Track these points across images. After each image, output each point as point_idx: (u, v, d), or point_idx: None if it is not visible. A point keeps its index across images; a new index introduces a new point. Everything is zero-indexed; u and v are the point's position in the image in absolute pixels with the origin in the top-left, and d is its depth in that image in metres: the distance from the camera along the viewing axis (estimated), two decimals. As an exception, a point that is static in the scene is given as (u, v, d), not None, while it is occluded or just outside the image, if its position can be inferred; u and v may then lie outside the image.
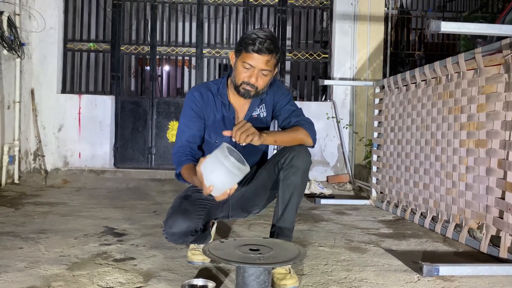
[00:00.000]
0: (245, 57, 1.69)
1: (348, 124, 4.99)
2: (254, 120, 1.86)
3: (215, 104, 1.84)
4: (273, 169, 1.82)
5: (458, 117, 2.52)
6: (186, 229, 1.69)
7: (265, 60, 1.68)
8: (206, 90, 1.85)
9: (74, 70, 5.13)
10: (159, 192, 4.18)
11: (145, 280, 1.76)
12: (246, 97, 1.77)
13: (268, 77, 1.74)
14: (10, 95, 4.37)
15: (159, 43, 5.12)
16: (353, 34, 4.99)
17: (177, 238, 1.73)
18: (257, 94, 1.77)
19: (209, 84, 1.89)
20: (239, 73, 1.73)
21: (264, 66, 1.69)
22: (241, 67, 1.72)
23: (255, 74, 1.70)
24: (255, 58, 1.68)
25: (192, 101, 1.83)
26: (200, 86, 1.89)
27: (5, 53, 4.19)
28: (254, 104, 1.86)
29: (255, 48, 1.66)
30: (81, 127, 4.96)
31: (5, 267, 1.87)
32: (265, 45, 1.66)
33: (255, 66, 1.69)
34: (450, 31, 1.89)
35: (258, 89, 1.75)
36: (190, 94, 1.85)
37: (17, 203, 3.41)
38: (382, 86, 3.68)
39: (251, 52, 1.67)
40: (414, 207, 3.01)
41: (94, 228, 2.64)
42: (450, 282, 1.81)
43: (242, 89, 1.74)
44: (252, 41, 1.66)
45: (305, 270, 1.92)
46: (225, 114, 1.84)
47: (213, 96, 1.84)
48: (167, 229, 1.71)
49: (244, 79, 1.72)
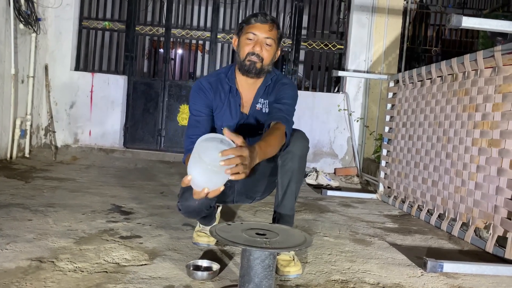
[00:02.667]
0: (247, 28, 1.72)
1: (360, 117, 4.95)
2: (257, 112, 1.85)
3: (223, 90, 1.82)
4: None
5: (472, 115, 2.49)
6: (201, 202, 1.69)
7: (268, 28, 1.71)
8: (216, 80, 1.84)
9: (88, 48, 5.14)
10: (167, 174, 4.21)
11: (150, 258, 1.78)
12: (252, 69, 1.73)
13: (272, 48, 1.73)
14: (24, 70, 4.40)
15: (174, 26, 5.10)
16: (370, 26, 4.93)
17: (191, 211, 1.73)
18: (262, 69, 1.74)
19: (217, 71, 1.88)
20: (243, 46, 1.73)
21: (267, 33, 1.71)
22: (244, 40, 1.73)
23: (259, 42, 1.71)
24: (257, 27, 1.71)
25: (201, 89, 1.81)
26: (209, 75, 1.88)
27: (21, 27, 4.21)
28: (260, 91, 1.84)
29: (257, 18, 1.71)
30: (93, 105, 4.98)
31: (14, 237, 1.90)
32: (266, 17, 1.72)
33: (258, 34, 1.71)
34: (471, 26, 1.86)
35: (264, 61, 1.72)
36: (199, 82, 1.83)
37: (27, 177, 3.46)
38: (397, 81, 3.64)
39: (254, 22, 1.72)
40: (421, 203, 3.00)
41: (101, 205, 2.67)
42: (454, 279, 1.81)
43: (247, 61, 1.72)
44: (254, 15, 1.74)
45: (309, 259, 1.93)
46: (232, 100, 1.82)
47: (221, 83, 1.83)
48: (182, 201, 1.71)
49: (248, 50, 1.72)
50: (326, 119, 4.91)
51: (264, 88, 1.84)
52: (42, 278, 1.49)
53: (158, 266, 1.69)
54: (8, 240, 1.86)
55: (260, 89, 1.84)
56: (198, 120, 1.79)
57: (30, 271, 1.54)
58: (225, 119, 1.83)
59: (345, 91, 4.97)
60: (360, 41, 4.97)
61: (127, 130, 5.01)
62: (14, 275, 1.50)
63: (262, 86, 1.84)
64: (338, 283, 1.67)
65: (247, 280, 1.29)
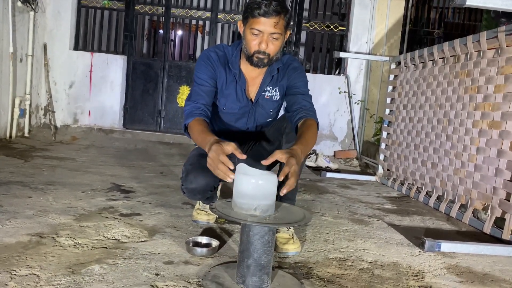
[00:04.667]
0: (252, 23, 1.62)
1: (360, 100, 4.93)
2: (267, 101, 1.83)
3: (229, 69, 1.79)
4: (276, 134, 1.81)
5: (473, 97, 2.48)
6: (206, 185, 1.69)
7: (273, 23, 1.60)
8: (223, 55, 1.79)
9: (87, 27, 5.08)
10: (166, 155, 4.21)
11: (150, 235, 1.79)
12: (260, 66, 1.70)
13: (279, 41, 1.66)
14: (23, 48, 4.36)
15: (174, 5, 5.03)
16: (373, 7, 4.86)
17: (196, 193, 1.73)
18: (270, 62, 1.71)
19: (226, 49, 1.81)
20: (249, 41, 1.66)
21: (273, 29, 1.61)
22: (250, 35, 1.65)
23: (265, 39, 1.63)
24: (262, 22, 1.60)
25: (209, 59, 1.77)
26: (216, 48, 1.82)
27: (19, 5, 4.16)
28: (266, 80, 1.80)
29: (261, 11, 1.58)
30: (92, 85, 4.95)
31: (14, 213, 1.91)
32: (271, 7, 1.57)
33: (263, 31, 1.61)
34: (476, 5, 1.83)
35: (271, 56, 1.67)
36: (207, 53, 1.78)
37: (26, 156, 3.46)
38: (398, 63, 3.61)
39: (258, 16, 1.59)
40: (420, 185, 3.01)
41: (101, 184, 2.68)
42: (451, 258, 1.83)
43: (255, 58, 1.67)
44: (258, 5, 1.59)
45: (307, 237, 1.94)
46: (237, 84, 1.80)
47: (228, 61, 1.78)
48: (187, 184, 1.71)
49: (255, 47, 1.65)
50: (326, 102, 4.89)
51: (270, 77, 1.80)
52: (42, 253, 1.50)
53: (157, 243, 1.70)
54: (8, 216, 1.87)
55: (266, 78, 1.80)
56: (202, 89, 1.74)
57: (30, 246, 1.55)
58: (230, 100, 1.81)
59: (346, 73, 4.94)
60: (362, 23, 4.91)
61: (127, 111, 4.99)
62: (15, 250, 1.51)
63: (268, 74, 1.80)
64: (336, 261, 1.68)
65: (247, 255, 1.30)
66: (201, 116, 1.66)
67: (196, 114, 1.66)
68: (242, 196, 1.29)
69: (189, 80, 4.99)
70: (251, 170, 1.30)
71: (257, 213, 1.27)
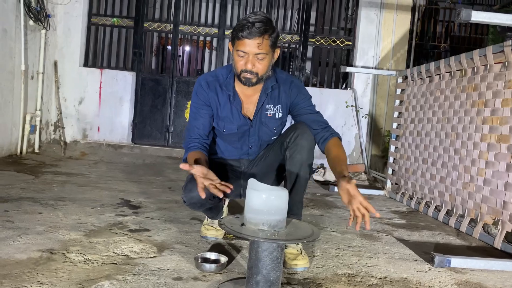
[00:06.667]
0: (237, 44, 1.66)
1: (367, 114, 4.94)
2: (269, 119, 1.85)
3: (222, 93, 1.83)
4: (279, 149, 1.83)
5: (481, 111, 2.48)
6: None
7: (257, 44, 1.62)
8: (214, 80, 1.84)
9: (97, 44, 5.18)
10: (174, 169, 4.23)
11: (159, 251, 1.80)
12: (249, 85, 1.73)
13: (265, 60, 1.68)
14: (34, 66, 4.45)
15: (182, 22, 5.12)
16: (379, 22, 4.91)
17: (196, 202, 1.73)
18: (259, 80, 1.73)
19: (217, 73, 1.86)
20: (236, 62, 1.70)
21: (257, 49, 1.63)
22: (236, 56, 1.69)
23: (251, 59, 1.66)
24: (246, 43, 1.63)
25: (200, 90, 1.83)
26: (208, 74, 1.87)
27: (31, 23, 4.25)
28: (262, 97, 1.83)
29: (244, 33, 1.61)
30: (101, 101, 5.02)
31: (25, 229, 1.93)
32: (253, 29, 1.60)
33: (248, 52, 1.64)
34: (481, 21, 1.85)
35: (259, 75, 1.70)
36: (198, 83, 1.84)
37: (37, 171, 3.50)
38: (405, 77, 3.62)
39: (241, 38, 1.62)
40: (429, 199, 2.99)
41: (110, 199, 2.70)
42: (461, 274, 1.81)
43: (243, 77, 1.71)
44: (241, 28, 1.62)
45: (316, 253, 1.93)
46: (232, 105, 1.83)
47: (220, 86, 1.83)
48: (186, 193, 1.73)
49: (241, 67, 1.68)
50: (333, 116, 4.90)
51: (265, 96, 1.83)
52: (53, 269, 1.51)
53: (166, 259, 1.71)
54: (20, 232, 1.89)
55: (262, 96, 1.83)
56: (196, 123, 1.82)
57: (41, 262, 1.57)
58: (226, 121, 1.84)
59: (353, 87, 4.96)
60: (368, 37, 4.95)
61: (135, 126, 5.04)
62: (26, 266, 1.52)
63: (263, 93, 1.83)
64: (345, 277, 1.67)
65: (255, 271, 1.30)
66: (195, 149, 1.75)
67: (190, 148, 1.75)
68: (252, 211, 1.30)
69: (197, 96, 5.03)
70: (261, 185, 1.32)
71: (266, 228, 1.28)
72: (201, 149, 1.75)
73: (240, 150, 1.92)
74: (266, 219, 1.28)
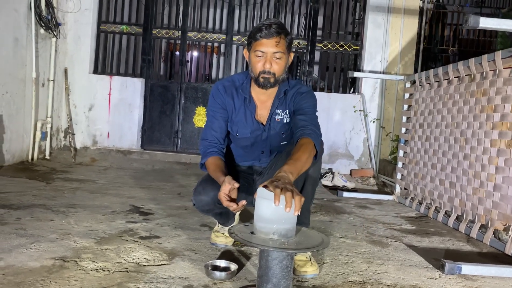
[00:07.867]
0: (255, 46, 1.73)
1: (376, 118, 4.93)
2: (277, 124, 1.88)
3: (238, 97, 1.87)
4: (286, 159, 1.84)
5: (490, 116, 2.47)
6: (213, 196, 1.72)
7: (275, 42, 1.70)
8: (230, 85, 1.89)
9: (106, 51, 5.23)
10: (183, 175, 4.25)
11: (169, 258, 1.81)
12: (267, 86, 1.77)
13: (282, 60, 1.74)
14: (45, 73, 4.51)
15: (190, 28, 5.16)
16: (386, 26, 4.90)
17: (205, 205, 1.78)
18: (276, 82, 1.77)
19: (234, 78, 1.92)
20: (254, 64, 1.75)
21: (275, 48, 1.71)
22: (254, 58, 1.75)
23: (269, 59, 1.72)
24: (264, 43, 1.70)
25: (217, 94, 1.88)
26: (225, 80, 1.94)
27: (42, 32, 4.32)
28: (276, 102, 1.87)
29: (262, 34, 1.69)
30: (111, 108, 5.07)
31: (38, 237, 1.96)
32: (271, 29, 1.69)
33: (266, 51, 1.71)
34: (489, 27, 1.85)
35: (277, 75, 1.75)
36: (215, 87, 1.90)
37: (48, 178, 3.54)
38: (413, 81, 3.62)
39: (260, 38, 1.70)
40: (439, 205, 2.97)
41: (121, 206, 2.73)
42: (472, 281, 1.80)
43: (261, 78, 1.75)
44: (259, 29, 1.70)
45: (325, 260, 1.94)
46: (247, 109, 1.87)
47: (236, 90, 1.88)
48: (196, 195, 1.78)
49: (260, 68, 1.74)
50: (341, 120, 4.90)
51: (278, 100, 1.86)
52: (65, 277, 1.53)
53: (177, 266, 1.72)
54: (33, 240, 1.92)
55: (275, 101, 1.87)
56: (214, 126, 1.85)
57: (54, 270, 1.59)
58: (240, 125, 1.88)
59: (361, 92, 4.95)
60: (375, 42, 4.95)
61: (145, 132, 5.08)
62: (39, 274, 1.55)
63: (276, 98, 1.86)
64: (355, 284, 1.67)
65: (265, 280, 1.31)
66: (214, 154, 1.79)
67: (210, 154, 1.79)
68: (262, 219, 1.31)
69: (205, 101, 5.06)
70: (271, 194, 1.33)
71: (276, 237, 1.29)
72: (220, 155, 1.81)
73: (252, 155, 1.96)
74: (276, 228, 1.29)
